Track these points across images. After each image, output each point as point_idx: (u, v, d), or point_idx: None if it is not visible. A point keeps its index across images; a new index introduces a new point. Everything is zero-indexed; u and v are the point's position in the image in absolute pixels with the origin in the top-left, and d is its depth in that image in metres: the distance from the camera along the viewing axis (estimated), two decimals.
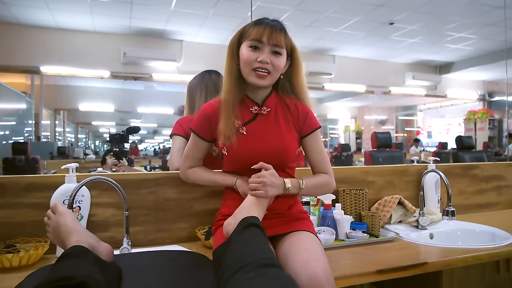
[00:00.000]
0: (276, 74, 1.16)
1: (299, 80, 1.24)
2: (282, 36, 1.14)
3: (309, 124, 1.24)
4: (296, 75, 1.24)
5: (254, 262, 0.81)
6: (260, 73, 1.13)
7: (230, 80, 1.19)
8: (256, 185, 1.09)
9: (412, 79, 8.14)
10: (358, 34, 6.42)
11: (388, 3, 5.10)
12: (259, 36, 1.12)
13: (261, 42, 1.13)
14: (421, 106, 12.23)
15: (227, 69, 1.20)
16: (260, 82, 1.14)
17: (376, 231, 1.52)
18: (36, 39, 5.76)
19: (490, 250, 1.32)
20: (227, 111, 1.17)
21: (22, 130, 7.01)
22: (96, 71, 6.14)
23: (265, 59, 1.12)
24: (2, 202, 1.27)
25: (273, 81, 1.18)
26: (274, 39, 1.12)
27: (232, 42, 1.21)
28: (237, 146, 1.17)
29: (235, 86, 1.18)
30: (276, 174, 1.13)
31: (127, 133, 2.14)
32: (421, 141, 10.98)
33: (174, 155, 1.66)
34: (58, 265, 0.84)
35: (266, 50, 1.13)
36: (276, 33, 1.13)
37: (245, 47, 1.15)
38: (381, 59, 8.03)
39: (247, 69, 1.14)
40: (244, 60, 1.14)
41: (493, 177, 2.16)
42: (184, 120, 1.75)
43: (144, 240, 1.41)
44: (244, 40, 1.16)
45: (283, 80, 1.24)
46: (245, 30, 1.18)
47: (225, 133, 1.16)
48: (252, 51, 1.13)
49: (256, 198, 1.09)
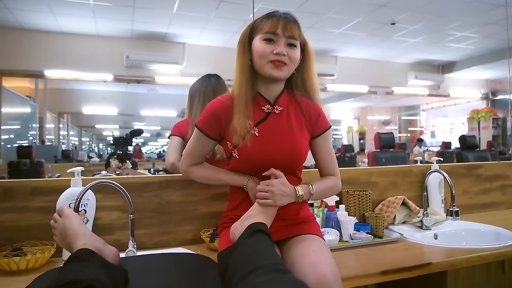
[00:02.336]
0: (292, 66, 1.13)
1: (311, 75, 1.21)
2: (296, 28, 1.12)
3: (320, 124, 1.21)
4: (308, 69, 1.20)
5: (267, 266, 0.81)
6: (277, 63, 1.09)
7: (242, 76, 1.14)
8: (264, 194, 1.07)
9: (414, 79, 8.12)
10: (360, 34, 6.41)
11: (390, 4, 5.10)
12: (274, 28, 1.09)
13: (276, 34, 1.09)
14: (424, 106, 12.19)
15: (238, 65, 1.15)
16: (277, 74, 1.10)
17: (380, 232, 1.53)
18: (40, 43, 5.81)
19: (495, 250, 1.32)
20: (242, 107, 1.11)
21: (27, 134, 7.06)
22: (100, 75, 6.17)
23: (282, 51, 1.09)
24: (9, 206, 1.28)
25: (289, 74, 1.15)
26: (289, 31, 1.10)
27: (243, 36, 1.16)
28: (249, 148, 1.12)
29: (248, 82, 1.13)
30: (286, 183, 1.10)
31: (131, 136, 2.15)
32: (424, 141, 10.96)
33: (169, 152, 1.79)
34: (65, 268, 0.85)
35: (281, 42, 1.10)
36: (290, 24, 1.10)
37: (258, 41, 1.11)
38: (383, 59, 8.02)
39: (263, 61, 1.10)
40: (260, 53, 1.10)
41: (497, 176, 2.16)
42: (181, 123, 1.87)
43: (149, 243, 1.42)
44: (257, 34, 1.12)
45: (295, 75, 1.21)
46: (256, 24, 1.15)
47: (239, 131, 1.10)
48: (267, 44, 1.10)
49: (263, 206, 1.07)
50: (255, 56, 1.12)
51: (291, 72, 1.15)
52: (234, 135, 1.12)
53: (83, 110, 9.00)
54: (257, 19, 1.15)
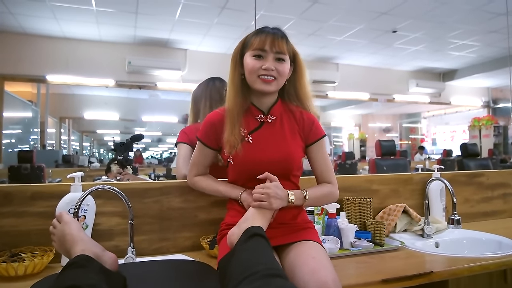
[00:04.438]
0: (281, 79, 1.19)
1: (303, 85, 1.26)
2: (284, 43, 1.17)
3: (314, 132, 1.25)
4: (299, 80, 1.25)
5: (259, 272, 0.81)
6: (265, 78, 1.15)
7: (233, 89, 1.21)
8: (260, 196, 1.09)
9: (415, 86, 8.14)
10: (362, 42, 6.44)
11: (391, 11, 5.13)
12: (262, 45, 1.15)
13: (264, 50, 1.16)
14: (425, 114, 12.21)
15: (230, 79, 1.22)
16: (266, 88, 1.17)
17: (381, 240, 1.52)
18: (42, 48, 5.85)
19: (496, 259, 1.31)
20: (232, 120, 1.19)
21: (28, 138, 7.07)
22: (101, 80, 6.20)
23: (270, 66, 1.15)
24: (8, 210, 1.27)
25: (278, 87, 1.20)
26: (276, 47, 1.16)
27: (235, 52, 1.23)
28: (242, 155, 1.17)
29: (239, 95, 1.20)
30: (280, 186, 1.13)
31: (132, 141, 2.15)
32: (425, 149, 10.93)
33: (180, 162, 1.68)
34: (63, 274, 0.85)
35: (269, 58, 1.16)
36: (278, 40, 1.16)
37: (249, 57, 1.18)
38: (385, 66, 8.05)
39: (252, 77, 1.17)
40: (249, 69, 1.17)
41: (499, 184, 2.15)
42: (189, 128, 1.77)
43: (148, 249, 1.41)
44: (247, 50, 1.19)
45: (288, 86, 1.26)
46: (247, 40, 1.21)
47: (230, 142, 1.17)
48: (256, 60, 1.16)
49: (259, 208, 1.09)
50: (246, 71, 1.19)
51: (281, 85, 1.21)
52: (226, 145, 1.19)
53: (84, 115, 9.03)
54: (248, 36, 1.22)
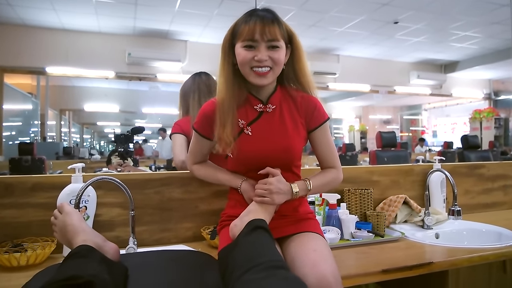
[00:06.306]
0: (277, 68, 1.10)
1: (302, 66, 1.17)
2: (275, 28, 1.06)
3: (317, 116, 1.18)
4: (298, 61, 1.16)
5: (264, 263, 0.81)
6: (259, 71, 1.07)
7: (224, 81, 1.13)
8: (262, 192, 1.08)
9: (417, 78, 8.11)
10: (363, 33, 6.40)
11: (393, 2, 5.08)
12: (251, 35, 1.05)
13: (254, 40, 1.06)
14: (426, 105, 12.18)
15: (220, 70, 1.14)
16: (261, 82, 1.09)
17: (381, 231, 1.52)
18: (42, 40, 5.81)
19: (496, 250, 1.31)
20: (222, 115, 1.11)
21: (28, 131, 7.07)
22: (101, 72, 6.18)
23: (262, 57, 1.06)
24: (9, 202, 1.28)
25: (275, 76, 1.13)
26: (268, 34, 1.05)
27: (224, 42, 1.14)
28: (242, 148, 1.13)
29: (233, 86, 1.13)
30: (283, 180, 1.11)
31: (132, 133, 2.15)
32: (426, 141, 10.93)
33: (177, 150, 1.79)
34: (65, 264, 0.85)
35: (261, 47, 1.06)
36: (268, 27, 1.05)
37: (239, 48, 1.08)
38: (386, 58, 8.01)
39: (245, 69, 1.09)
40: (241, 61, 1.09)
41: (500, 176, 2.15)
42: (181, 120, 1.88)
43: (149, 240, 1.42)
44: (237, 41, 1.09)
45: (286, 69, 1.17)
46: (235, 29, 1.11)
47: (223, 140, 1.11)
48: (247, 51, 1.07)
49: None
50: (238, 63, 1.10)
51: (277, 74, 1.13)
52: (219, 142, 1.12)
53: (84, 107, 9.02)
54: (236, 22, 1.12)
